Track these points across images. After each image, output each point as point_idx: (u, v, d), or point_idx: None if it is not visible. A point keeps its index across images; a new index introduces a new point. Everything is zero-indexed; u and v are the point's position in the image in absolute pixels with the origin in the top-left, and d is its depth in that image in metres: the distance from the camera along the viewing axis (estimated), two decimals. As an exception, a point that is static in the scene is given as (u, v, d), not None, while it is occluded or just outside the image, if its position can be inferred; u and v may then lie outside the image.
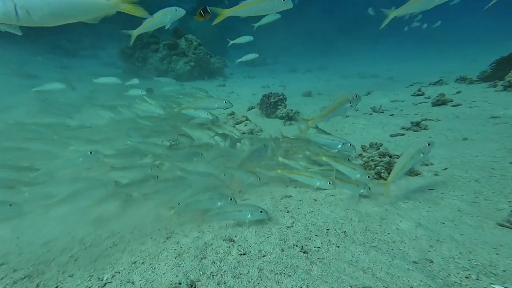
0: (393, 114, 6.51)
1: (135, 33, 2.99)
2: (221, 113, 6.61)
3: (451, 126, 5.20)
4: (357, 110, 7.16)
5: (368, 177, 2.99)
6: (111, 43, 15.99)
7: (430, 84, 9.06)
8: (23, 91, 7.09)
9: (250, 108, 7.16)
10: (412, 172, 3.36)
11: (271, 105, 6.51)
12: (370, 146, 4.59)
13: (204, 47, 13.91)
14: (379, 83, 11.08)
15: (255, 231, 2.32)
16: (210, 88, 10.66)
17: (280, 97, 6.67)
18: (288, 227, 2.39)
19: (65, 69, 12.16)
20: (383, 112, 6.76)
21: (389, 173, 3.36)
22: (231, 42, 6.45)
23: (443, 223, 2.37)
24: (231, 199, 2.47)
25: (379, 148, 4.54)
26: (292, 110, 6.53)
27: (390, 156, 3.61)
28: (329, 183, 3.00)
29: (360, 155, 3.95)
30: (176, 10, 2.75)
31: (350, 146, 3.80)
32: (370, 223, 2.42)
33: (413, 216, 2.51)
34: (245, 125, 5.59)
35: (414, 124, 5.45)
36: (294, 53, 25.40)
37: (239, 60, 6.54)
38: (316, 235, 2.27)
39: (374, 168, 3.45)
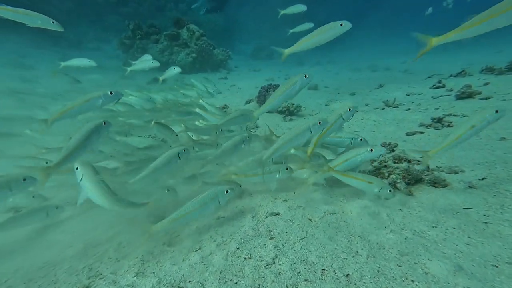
0: (409, 109, 5.59)
1: None
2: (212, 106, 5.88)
3: (481, 123, 4.27)
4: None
5: (390, 191, 2.16)
6: (118, 36, 15.52)
7: (451, 76, 7.96)
8: (11, 81, 6.62)
9: (248, 102, 6.40)
10: (436, 182, 2.55)
11: (270, 98, 5.73)
12: (382, 146, 3.78)
13: (207, 38, 13.16)
14: (393, 76, 10.02)
15: (220, 271, 1.62)
16: (212, 79, 9.95)
17: (281, 89, 5.86)
18: (268, 264, 1.68)
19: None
20: (397, 107, 5.84)
21: (408, 183, 2.57)
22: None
23: (496, 265, 1.58)
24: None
25: (393, 150, 3.72)
26: (293, 104, 5.73)
27: (409, 161, 2.80)
28: (390, 191, 2.19)
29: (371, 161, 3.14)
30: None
31: (361, 141, 3.02)
32: (384, 261, 1.67)
33: (447, 251, 1.73)
34: (239, 120, 4.85)
35: (435, 120, 4.55)
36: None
37: (292, 30, 5.78)
38: (306, 280, 1.54)
39: (388, 176, 2.66)
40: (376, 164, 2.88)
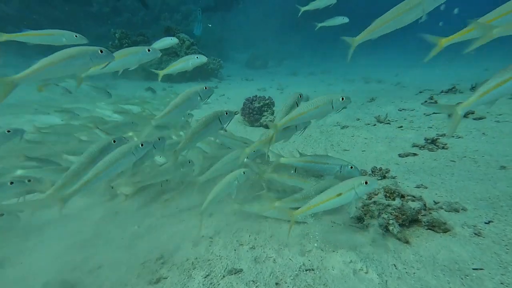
0: (401, 126, 5.20)
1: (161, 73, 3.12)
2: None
3: (478, 147, 3.89)
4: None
5: (366, 183, 1.78)
6: (107, 45, 15.06)
7: (442, 92, 7.69)
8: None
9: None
10: (436, 225, 2.10)
11: (254, 111, 5.29)
12: (372, 172, 3.34)
13: (200, 46, 12.79)
14: (385, 89, 9.74)
15: None
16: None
17: (267, 101, 5.44)
18: None
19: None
20: (389, 123, 5.46)
21: (402, 225, 2.11)
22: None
23: None
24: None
25: (385, 176, 3.28)
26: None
27: (402, 197, 2.35)
28: (366, 182, 1.84)
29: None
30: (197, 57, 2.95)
31: (352, 170, 2.58)
32: None
33: None
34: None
35: (429, 141, 4.16)
36: (298, 56, 24.13)
37: (321, 24, 5.07)
38: None
39: (378, 216, 2.20)
40: (364, 198, 2.42)
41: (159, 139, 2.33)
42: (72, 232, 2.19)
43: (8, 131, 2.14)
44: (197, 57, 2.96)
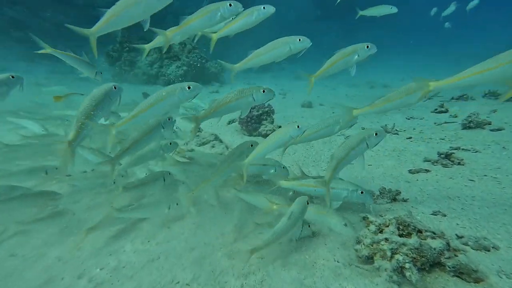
0: (410, 137, 4.77)
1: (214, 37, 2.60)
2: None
3: (499, 163, 3.44)
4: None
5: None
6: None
7: (452, 99, 7.21)
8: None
9: (230, 122, 5.58)
10: (464, 273, 1.69)
11: (253, 119, 4.92)
12: (381, 193, 2.92)
13: (202, 50, 12.52)
14: (390, 95, 9.26)
15: None
16: (202, 94, 9.18)
17: (266, 109, 5.07)
18: None
19: (54, 74, 10.98)
20: (397, 134, 5.03)
21: (421, 270, 1.71)
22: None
23: None
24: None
25: (395, 199, 2.86)
26: (280, 127, 4.91)
27: (420, 232, 1.93)
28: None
29: (365, 218, 2.27)
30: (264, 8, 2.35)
31: (362, 195, 2.25)
32: None
33: None
34: (213, 146, 4.02)
35: (442, 155, 3.72)
36: (302, 60, 23.73)
37: (362, 13, 4.65)
38: None
39: (391, 258, 1.79)
40: (371, 233, 2.01)
41: (168, 119, 2.28)
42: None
43: (12, 77, 2.15)
44: (263, 8, 2.34)
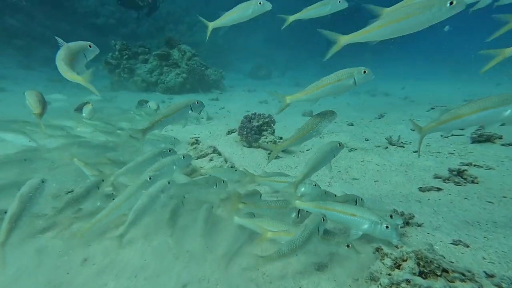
0: (417, 151, 4.52)
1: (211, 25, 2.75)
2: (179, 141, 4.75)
3: (517, 182, 3.19)
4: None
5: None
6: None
7: (457, 108, 6.99)
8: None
9: (230, 132, 5.34)
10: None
11: (253, 130, 4.68)
12: (392, 217, 2.65)
13: (202, 57, 12.40)
14: (393, 103, 9.09)
15: None
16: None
17: (266, 119, 4.84)
18: None
19: (53, 82, 10.79)
20: (403, 146, 4.79)
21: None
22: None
23: None
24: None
25: (408, 223, 2.59)
26: (281, 138, 4.67)
27: (445, 272, 1.67)
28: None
29: (378, 249, 1.99)
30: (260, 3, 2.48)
31: (387, 230, 1.96)
32: None
33: None
34: (211, 159, 3.77)
35: (454, 172, 3.47)
36: (303, 66, 23.74)
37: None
38: None
39: (415, 306, 1.52)
40: (387, 269, 1.74)
41: (197, 102, 2.38)
42: None
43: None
44: (260, 3, 2.44)
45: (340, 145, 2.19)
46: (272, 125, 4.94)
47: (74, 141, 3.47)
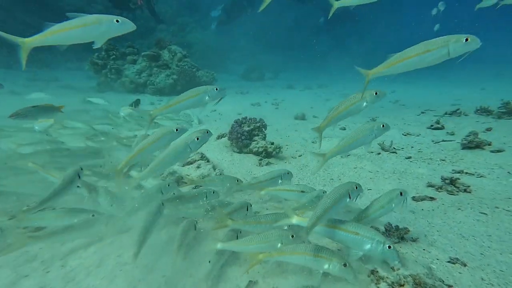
0: (410, 157, 4.47)
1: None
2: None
3: (508, 192, 3.14)
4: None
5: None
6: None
7: (446, 114, 7.06)
8: None
9: (220, 137, 5.15)
10: None
11: (243, 135, 4.51)
12: (387, 230, 2.53)
13: (194, 58, 12.14)
14: (384, 107, 9.11)
15: None
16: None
17: (258, 124, 4.68)
18: None
19: (34, 82, 10.25)
20: (395, 152, 4.72)
21: None
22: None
23: None
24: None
25: (403, 237, 2.47)
26: (272, 144, 4.51)
27: (445, 298, 1.54)
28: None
29: (373, 272, 1.86)
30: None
31: (389, 251, 1.78)
32: None
33: None
34: (198, 167, 3.57)
35: (447, 181, 3.41)
36: (295, 68, 23.73)
37: (479, 6, 4.15)
38: None
39: None
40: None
41: (216, 89, 2.31)
42: None
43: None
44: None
45: (357, 187, 1.92)
46: (263, 129, 4.78)
47: (49, 148, 3.20)
